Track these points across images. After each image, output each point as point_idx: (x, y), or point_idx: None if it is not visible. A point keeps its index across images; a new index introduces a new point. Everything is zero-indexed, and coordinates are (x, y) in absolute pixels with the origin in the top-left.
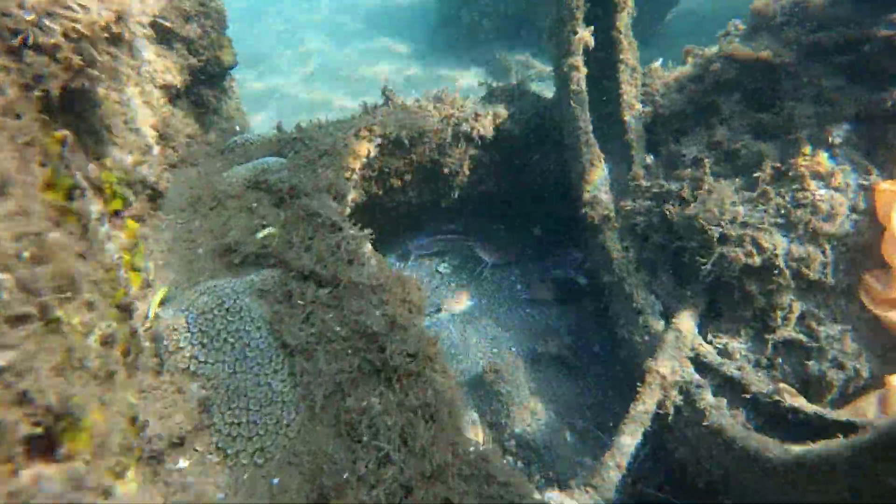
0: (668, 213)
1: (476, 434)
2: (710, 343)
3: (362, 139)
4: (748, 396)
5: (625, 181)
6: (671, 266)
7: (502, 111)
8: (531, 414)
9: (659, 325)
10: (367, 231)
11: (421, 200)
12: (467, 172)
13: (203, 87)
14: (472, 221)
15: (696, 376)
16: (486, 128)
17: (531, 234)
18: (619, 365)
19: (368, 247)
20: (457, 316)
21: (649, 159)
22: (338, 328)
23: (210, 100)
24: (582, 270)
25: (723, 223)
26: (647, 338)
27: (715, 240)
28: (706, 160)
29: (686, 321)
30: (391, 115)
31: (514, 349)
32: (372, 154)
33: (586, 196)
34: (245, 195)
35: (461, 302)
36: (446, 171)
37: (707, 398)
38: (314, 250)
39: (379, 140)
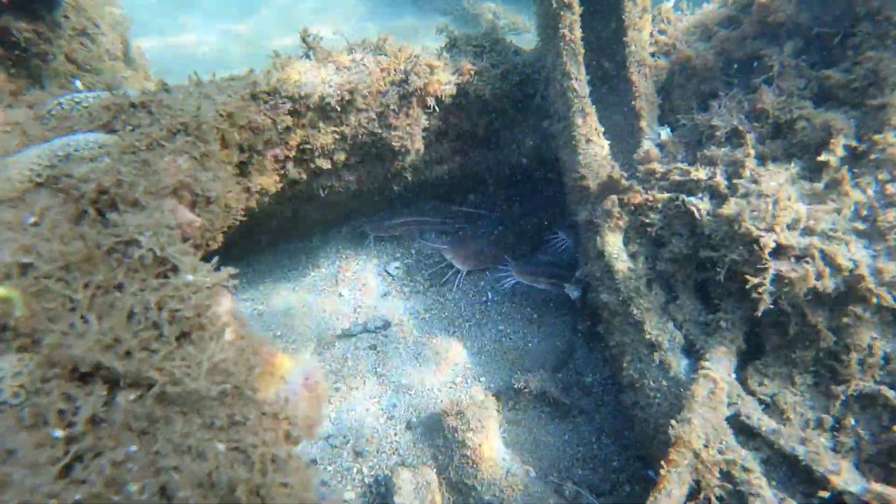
0: (694, 211)
1: (432, 500)
2: (753, 393)
3: (260, 104)
4: (826, 498)
5: (632, 164)
6: (695, 283)
7: (468, 65)
8: (506, 473)
9: (681, 365)
10: (225, 273)
11: (362, 187)
12: (420, 148)
13: (13, 17)
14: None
15: (743, 452)
16: (444, 86)
17: (511, 223)
18: (622, 410)
19: (226, 304)
20: (409, 334)
21: (665, 134)
22: (133, 486)
23: (28, 37)
24: (563, 271)
25: (777, 228)
26: (665, 383)
27: (766, 252)
28: (748, 135)
29: (721, 364)
30: (310, 72)
31: (483, 381)
32: (282, 124)
33: (579, 180)
34: (28, 199)
35: (417, 314)
36: (395, 145)
37: (764, 492)
38: (106, 323)
39: (287, 105)
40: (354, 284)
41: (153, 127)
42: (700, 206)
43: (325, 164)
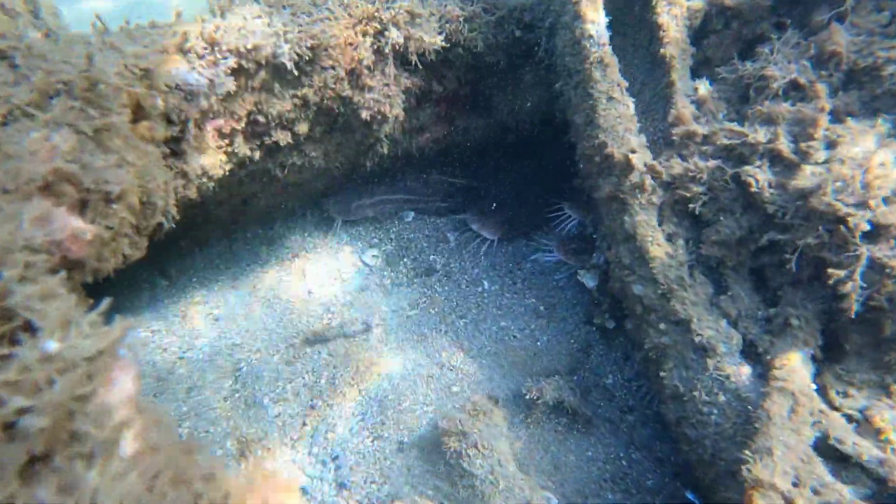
0: (751, 182)
1: None
2: (837, 408)
3: (193, 59)
4: None
5: (662, 127)
6: (751, 270)
7: (456, 11)
8: None
9: (742, 374)
10: (120, 327)
11: (329, 164)
12: (400, 114)
13: None
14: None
15: (845, 491)
16: (429, 38)
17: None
18: (658, 420)
19: (125, 387)
20: (394, 336)
21: (703, 88)
22: None
23: None
24: (580, 254)
25: (872, 203)
26: (723, 397)
27: (858, 234)
28: (818, 85)
29: (797, 372)
30: (260, 19)
31: (486, 389)
32: (222, 87)
33: (600, 147)
34: None
35: (403, 311)
36: (365, 115)
37: None
38: None
39: (229, 61)
40: (326, 278)
41: (16, 88)
42: (759, 176)
43: (285, 138)
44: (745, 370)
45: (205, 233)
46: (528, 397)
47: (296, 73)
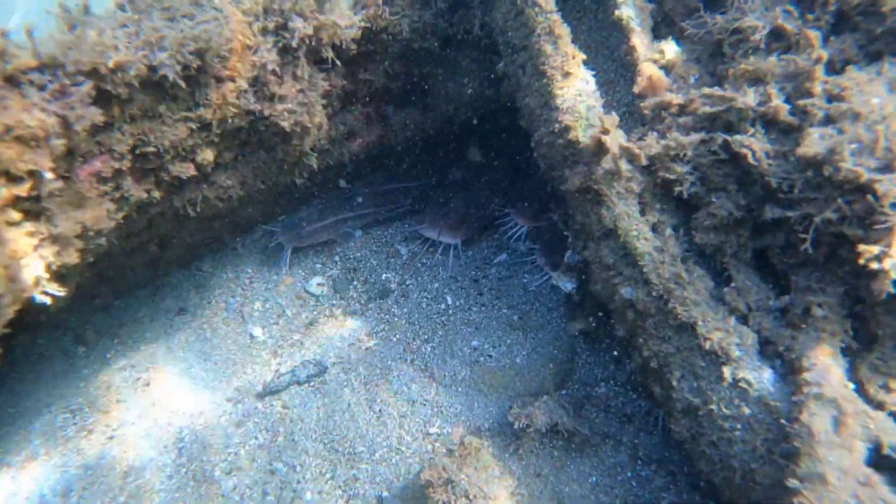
0: (746, 154)
1: None
2: (880, 405)
3: (29, 90)
4: None
5: (627, 100)
6: (754, 255)
7: None
8: None
9: (764, 380)
10: None
11: (249, 191)
12: (323, 122)
13: None
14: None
15: None
16: (344, 22)
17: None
18: (668, 435)
19: None
20: (354, 375)
21: (670, 50)
22: None
23: None
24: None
25: None
26: (746, 409)
27: (888, 202)
28: (808, 31)
29: (830, 372)
30: (123, 29)
31: (466, 421)
32: (83, 123)
33: (562, 133)
34: None
35: (361, 342)
36: (285, 125)
37: None
38: None
39: (85, 86)
40: (268, 317)
41: None
42: (754, 146)
43: (186, 170)
44: (767, 374)
45: (121, 284)
46: (516, 426)
47: (185, 88)
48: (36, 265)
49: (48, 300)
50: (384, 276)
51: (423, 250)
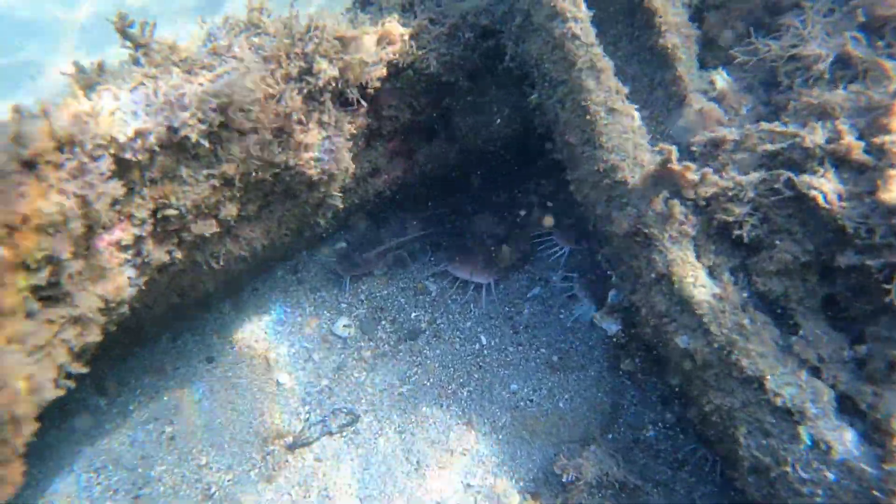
0: (815, 196)
1: None
2: None
3: (45, 171)
4: None
5: (679, 131)
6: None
7: (398, 28)
8: None
9: (847, 440)
10: None
11: (273, 241)
12: (350, 166)
13: None
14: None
15: None
16: (369, 67)
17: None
18: (725, 483)
19: None
20: (388, 423)
21: (721, 80)
22: None
23: None
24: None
25: None
26: (829, 474)
27: None
28: (882, 61)
29: None
30: (140, 89)
31: (507, 473)
32: (102, 200)
33: (609, 172)
34: None
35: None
36: (310, 176)
37: None
38: None
39: (105, 162)
40: (295, 363)
41: None
42: (825, 187)
43: (209, 228)
44: (849, 435)
45: (141, 334)
46: (564, 479)
47: (207, 146)
48: (57, 355)
49: (72, 383)
50: (413, 314)
51: (454, 289)
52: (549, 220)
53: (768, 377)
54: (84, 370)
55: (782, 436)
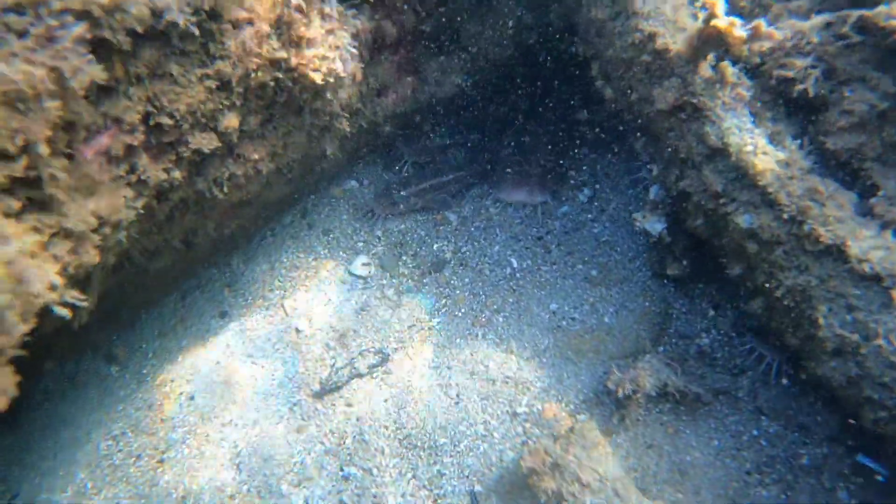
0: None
1: None
2: None
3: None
4: None
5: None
6: None
7: None
8: None
9: None
10: None
11: (280, 165)
12: (357, 73)
13: None
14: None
15: None
16: None
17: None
18: (790, 385)
19: None
20: (420, 359)
21: None
22: None
23: None
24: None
25: None
26: None
27: None
28: None
29: None
30: None
31: (556, 396)
32: (83, 79)
33: (645, 42)
34: None
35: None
36: (314, 79)
37: None
38: None
39: (78, 27)
40: (314, 307)
41: None
42: None
43: (209, 143)
44: None
45: (147, 293)
46: (620, 394)
47: (198, 37)
48: (48, 266)
49: (68, 312)
50: (435, 246)
51: (508, 211)
52: None
53: (850, 242)
54: (83, 301)
55: (871, 306)
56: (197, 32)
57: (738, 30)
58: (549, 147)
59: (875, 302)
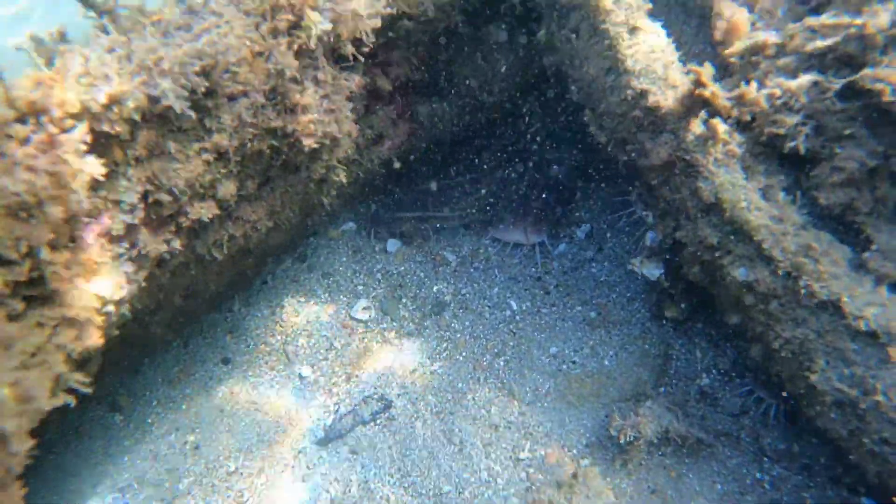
0: (882, 90)
1: None
2: None
3: (6, 143)
4: None
5: (700, 48)
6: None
7: None
8: None
9: None
10: None
11: (279, 221)
12: (353, 130)
13: None
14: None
15: None
16: (367, 11)
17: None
18: (792, 426)
19: None
20: (423, 405)
21: None
22: None
23: None
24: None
25: None
26: None
27: None
28: None
29: None
30: (112, 53)
31: (558, 440)
32: (81, 178)
33: (637, 98)
34: None
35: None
36: (309, 144)
37: None
38: None
39: (78, 131)
40: (316, 353)
41: None
42: (892, 77)
43: (207, 211)
44: None
45: (149, 343)
46: (622, 440)
47: (193, 116)
48: (53, 358)
49: (73, 400)
50: (435, 288)
51: (507, 251)
52: None
53: (845, 299)
54: (86, 381)
55: (869, 362)
56: (193, 115)
57: (723, 100)
58: (545, 188)
59: (873, 357)
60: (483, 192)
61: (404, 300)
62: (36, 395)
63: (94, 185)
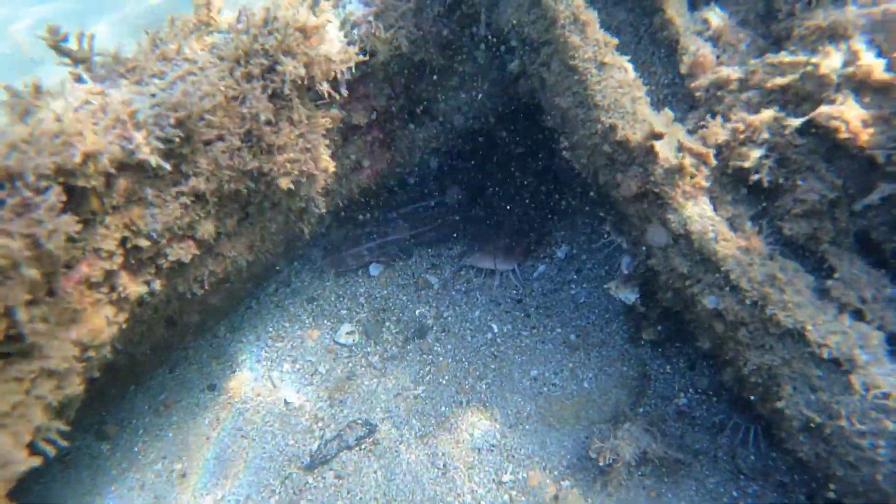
0: (838, 126)
1: None
2: None
3: None
4: None
5: (668, 81)
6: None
7: (360, 10)
8: None
9: None
10: None
11: (259, 254)
12: (330, 166)
13: None
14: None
15: None
16: (340, 56)
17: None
18: (768, 444)
19: None
20: (407, 429)
21: (716, 17)
22: None
23: None
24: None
25: None
26: (890, 423)
27: None
28: None
29: None
30: (86, 107)
31: (540, 463)
32: (56, 238)
33: (606, 133)
34: None
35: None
36: (286, 184)
37: None
38: None
39: (53, 193)
40: (301, 379)
41: None
42: (847, 115)
43: (187, 252)
44: None
45: (135, 371)
46: (601, 463)
47: (169, 167)
48: (31, 411)
49: (51, 450)
50: (417, 311)
51: (482, 279)
52: None
53: (809, 327)
54: (66, 430)
55: (833, 388)
56: (168, 167)
57: (669, 149)
58: (519, 215)
59: (836, 384)
60: (436, 210)
61: (387, 324)
62: (12, 459)
63: (69, 238)
